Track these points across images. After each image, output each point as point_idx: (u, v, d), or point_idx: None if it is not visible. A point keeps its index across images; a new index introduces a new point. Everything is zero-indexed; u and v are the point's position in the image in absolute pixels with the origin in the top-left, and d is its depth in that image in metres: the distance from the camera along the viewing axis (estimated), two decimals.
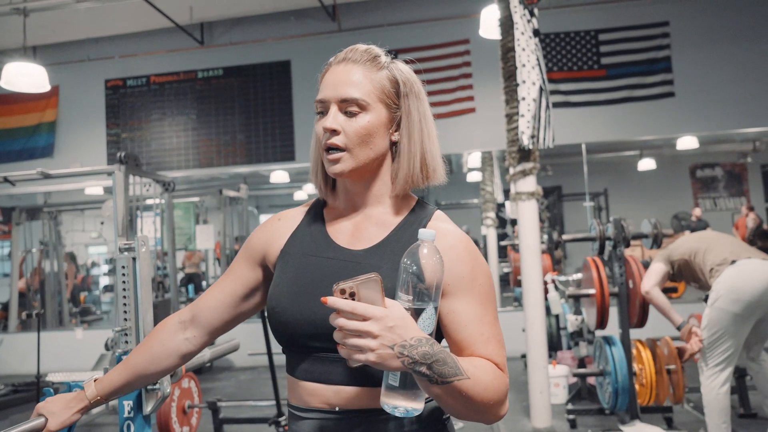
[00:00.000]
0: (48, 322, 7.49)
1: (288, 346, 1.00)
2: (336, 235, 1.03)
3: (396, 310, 0.80)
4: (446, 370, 0.81)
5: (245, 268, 1.10)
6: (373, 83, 0.99)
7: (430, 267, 0.81)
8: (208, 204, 9.11)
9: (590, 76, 6.20)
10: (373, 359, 0.79)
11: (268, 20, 6.77)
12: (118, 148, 6.82)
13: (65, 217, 8.80)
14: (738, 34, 6.08)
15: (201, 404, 3.30)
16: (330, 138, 0.97)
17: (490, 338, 0.94)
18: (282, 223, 1.10)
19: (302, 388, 0.98)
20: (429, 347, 0.80)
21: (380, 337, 0.78)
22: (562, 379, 4.22)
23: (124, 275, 1.71)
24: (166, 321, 1.16)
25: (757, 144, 8.66)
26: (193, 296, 8.98)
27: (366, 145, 0.98)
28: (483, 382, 0.87)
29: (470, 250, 0.98)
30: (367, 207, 1.03)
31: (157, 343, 1.14)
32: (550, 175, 8.61)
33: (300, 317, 0.96)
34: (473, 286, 0.95)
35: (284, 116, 6.61)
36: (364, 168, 0.99)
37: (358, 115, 0.97)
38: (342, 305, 0.78)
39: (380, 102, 0.99)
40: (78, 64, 7.08)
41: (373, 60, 1.01)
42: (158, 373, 1.14)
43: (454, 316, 0.94)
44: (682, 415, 3.88)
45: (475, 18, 5.46)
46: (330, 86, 0.99)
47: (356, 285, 0.80)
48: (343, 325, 0.79)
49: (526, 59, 3.57)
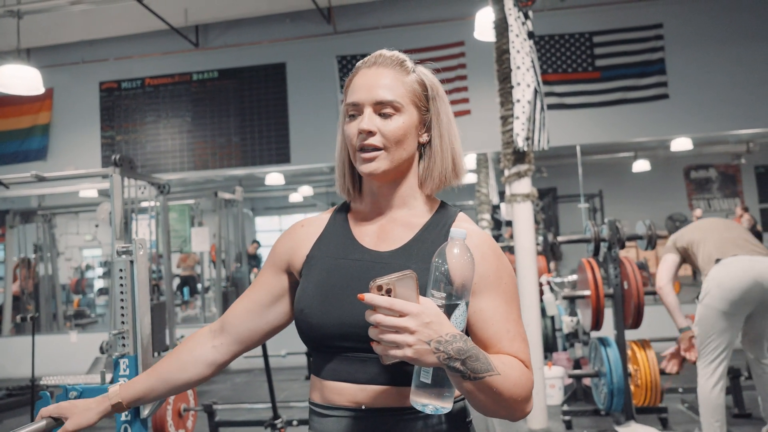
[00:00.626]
0: (42, 325, 7.46)
1: (316, 348, 1.01)
2: (362, 238, 1.04)
3: (431, 307, 0.82)
4: (479, 366, 0.83)
5: (270, 276, 1.11)
6: (405, 86, 1.02)
7: (461, 265, 0.83)
8: (203, 206, 9.10)
9: (585, 78, 6.23)
10: (411, 354, 0.80)
11: (263, 23, 6.77)
12: (112, 151, 6.80)
13: (59, 220, 8.76)
14: (731, 37, 6.12)
15: (196, 407, 3.29)
16: (366, 139, 0.99)
17: (515, 336, 0.96)
18: (306, 229, 1.11)
19: (328, 387, 0.98)
20: (463, 343, 0.82)
21: (417, 332, 0.80)
22: (558, 380, 4.23)
23: (122, 278, 1.70)
24: (197, 331, 1.17)
25: (750, 145, 8.71)
26: (188, 299, 8.96)
27: (400, 145, 1.00)
28: (512, 378, 0.88)
29: (495, 249, 1.00)
30: (392, 209, 1.05)
31: (186, 350, 1.13)
32: (545, 177, 8.64)
33: (329, 318, 0.97)
34: (499, 284, 0.97)
35: (279, 118, 6.61)
36: (396, 169, 1.02)
37: (393, 116, 1.00)
38: (380, 301, 0.80)
39: (412, 104, 1.02)
40: (72, 67, 7.06)
41: (401, 64, 1.04)
42: (186, 380, 1.12)
43: (481, 314, 0.95)
44: (677, 416, 3.89)
45: (470, 20, 5.47)
46: (363, 89, 1.01)
47: (393, 281, 0.81)
48: (381, 321, 0.80)
49: (520, 61, 3.58)
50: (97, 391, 1.92)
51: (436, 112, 1.05)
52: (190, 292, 8.78)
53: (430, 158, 1.05)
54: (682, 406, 4.09)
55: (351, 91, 1.03)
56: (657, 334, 5.21)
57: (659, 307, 6.50)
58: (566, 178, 7.76)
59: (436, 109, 1.05)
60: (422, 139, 1.05)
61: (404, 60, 1.05)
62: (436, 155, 1.04)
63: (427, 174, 1.05)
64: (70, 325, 8.25)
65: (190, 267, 8.87)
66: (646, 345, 3.65)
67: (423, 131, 1.05)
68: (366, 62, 1.05)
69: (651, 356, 3.58)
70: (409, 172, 1.05)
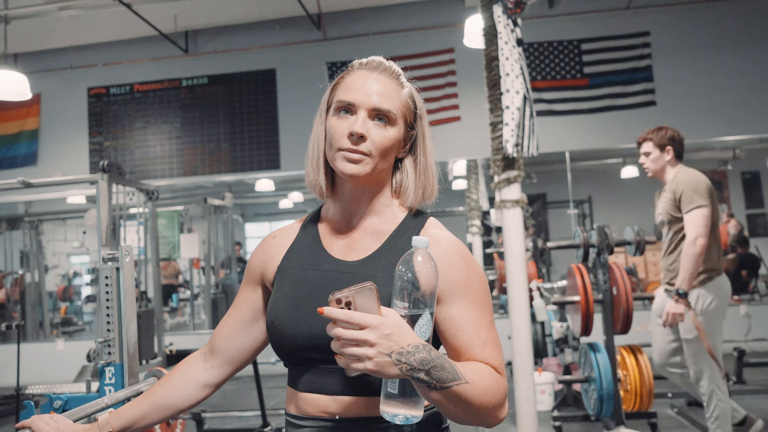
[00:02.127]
0: (29, 333, 7.37)
1: (289, 359, 1.01)
2: (331, 248, 1.04)
3: (392, 318, 0.81)
4: (444, 375, 0.82)
5: (249, 292, 1.11)
6: (400, 99, 1.02)
7: (424, 274, 0.82)
8: (192, 212, 9.04)
9: (573, 84, 6.27)
10: (371, 367, 0.79)
11: (253, 29, 6.76)
12: (101, 157, 6.75)
13: (47, 227, 8.67)
14: (717, 44, 6.19)
15: (185, 416, 3.26)
16: (357, 144, 0.97)
17: (487, 342, 0.95)
18: (277, 240, 1.10)
19: (302, 398, 0.98)
20: (426, 353, 0.81)
21: (377, 345, 0.79)
22: (548, 386, 4.23)
23: (108, 285, 1.69)
24: (189, 356, 1.17)
25: (737, 152, 8.80)
26: (177, 305, 8.89)
27: (385, 156, 1.00)
28: (481, 385, 0.87)
29: (464, 255, 0.99)
30: (362, 218, 1.04)
31: (178, 374, 1.12)
32: (535, 183, 8.68)
33: (298, 330, 0.96)
34: (468, 291, 0.96)
35: (269, 124, 6.60)
36: (374, 177, 1.01)
37: (386, 126, 0.99)
38: (338, 315, 0.79)
39: (402, 118, 1.02)
40: (60, 72, 7.02)
41: (398, 77, 1.05)
42: (180, 404, 1.11)
43: (451, 321, 0.95)
44: (666, 421, 3.91)
45: (460, 27, 5.51)
46: (361, 92, 0.99)
47: (352, 294, 0.80)
48: (340, 335, 0.79)
49: (509, 68, 3.60)
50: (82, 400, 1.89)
51: (422, 132, 1.06)
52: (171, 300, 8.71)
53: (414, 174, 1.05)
54: (671, 411, 4.11)
55: (346, 89, 1.01)
56: (646, 340, 5.24)
57: (648, 312, 6.54)
58: (556, 184, 7.79)
59: (422, 128, 1.06)
60: (400, 154, 1.05)
61: (401, 74, 1.06)
62: (422, 173, 1.05)
63: (405, 187, 1.04)
64: (57, 332, 8.16)
65: (171, 275, 8.80)
66: (636, 350, 3.66)
67: (403, 146, 1.05)
68: (365, 64, 1.04)
69: (641, 361, 3.59)
70: (384, 182, 1.05)
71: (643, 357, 3.62)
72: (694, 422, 3.81)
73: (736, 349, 4.67)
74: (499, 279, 6.38)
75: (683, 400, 4.28)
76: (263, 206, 13.13)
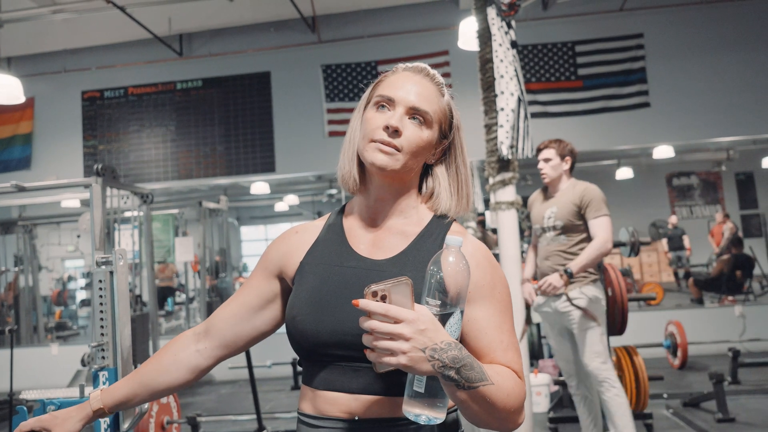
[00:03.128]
0: (23, 338, 7.33)
1: (308, 356, 0.99)
2: (357, 245, 1.03)
3: (426, 314, 0.81)
4: (473, 375, 0.82)
5: (261, 280, 1.10)
6: (439, 105, 1.04)
7: (457, 273, 0.83)
8: (187, 216, 9.03)
9: (567, 86, 6.29)
10: (405, 362, 0.79)
11: (248, 32, 6.76)
12: (95, 160, 6.73)
13: (41, 231, 8.64)
14: (710, 46, 6.22)
15: (180, 420, 3.25)
16: (392, 137, 0.98)
17: (509, 346, 0.95)
18: (300, 236, 1.09)
19: (320, 397, 0.97)
20: (458, 351, 0.81)
21: (412, 339, 0.79)
22: (544, 387, 4.24)
23: (101, 289, 1.68)
24: (181, 334, 1.15)
25: (730, 153, 8.84)
26: (172, 309, 8.86)
27: (416, 156, 1.01)
28: (505, 388, 0.88)
29: (489, 259, 1.00)
30: (387, 218, 1.04)
31: (169, 354, 1.11)
32: (530, 185, 8.70)
33: (322, 326, 0.95)
34: (493, 294, 0.97)
35: (264, 127, 6.59)
36: (402, 176, 1.02)
37: (421, 126, 1.01)
38: (375, 307, 0.79)
39: (438, 123, 1.04)
40: (54, 76, 6.99)
41: (439, 86, 1.07)
42: (168, 385, 1.10)
43: (475, 323, 0.95)
44: (662, 422, 3.92)
45: (454, 30, 5.52)
46: (403, 89, 1.01)
47: (388, 288, 0.80)
48: (376, 328, 0.79)
49: (504, 70, 3.60)
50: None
51: (460, 143, 1.08)
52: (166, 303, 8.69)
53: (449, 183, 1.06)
54: (666, 412, 4.12)
55: (387, 86, 1.03)
56: (642, 340, 5.25)
57: (643, 313, 6.57)
58: None
59: (459, 139, 1.08)
60: (431, 160, 1.06)
61: (442, 83, 1.08)
62: (463, 183, 1.07)
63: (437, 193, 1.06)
64: (51, 337, 8.12)
65: (168, 278, 8.78)
66: (631, 351, 3.66)
67: (434, 153, 1.06)
68: (410, 68, 1.06)
69: (636, 362, 3.59)
70: (411, 184, 1.05)
71: (638, 358, 3.62)
72: (690, 423, 3.82)
73: (731, 350, 4.68)
74: None
75: (678, 401, 4.29)
76: (259, 209, 13.10)
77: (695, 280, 7.81)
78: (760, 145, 7.79)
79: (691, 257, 9.94)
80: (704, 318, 6.23)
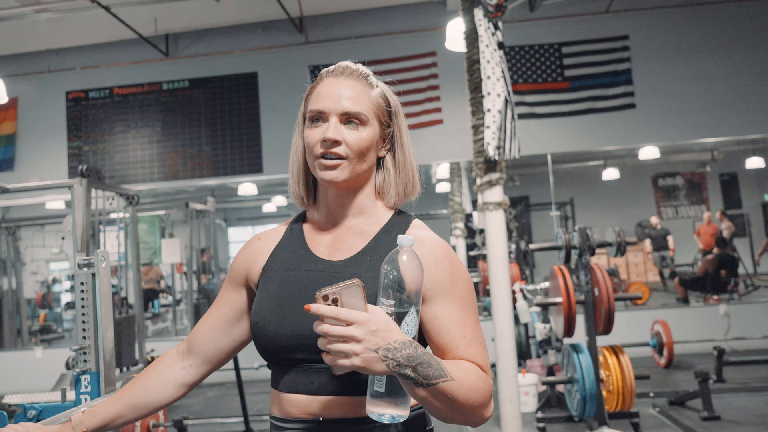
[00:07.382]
0: (6, 341, 7.23)
1: (273, 360, 1.00)
2: (316, 248, 1.04)
3: (379, 315, 0.81)
4: (430, 372, 0.83)
5: (231, 292, 1.11)
6: (370, 100, 1.03)
7: (409, 272, 0.83)
8: (174, 217, 8.94)
9: (554, 87, 6.32)
10: (358, 363, 0.80)
11: (235, 32, 6.72)
12: (80, 161, 6.66)
13: (24, 233, 8.52)
14: (695, 48, 6.28)
15: (167, 423, 3.21)
16: (331, 147, 0.99)
17: (472, 341, 0.95)
18: (262, 242, 1.10)
19: (285, 399, 0.97)
20: (413, 350, 0.81)
21: (364, 341, 0.79)
22: (532, 387, 4.25)
23: (83, 291, 1.65)
24: (165, 354, 1.15)
25: (715, 153, 8.94)
26: (158, 311, 8.78)
27: (363, 157, 1.01)
28: (467, 383, 0.87)
29: (448, 255, 1.00)
30: (346, 218, 1.05)
31: (154, 373, 1.11)
32: (518, 186, 8.73)
33: (284, 330, 0.96)
34: (453, 290, 0.97)
35: (251, 128, 6.56)
36: (355, 179, 1.02)
37: (358, 128, 1.00)
38: (325, 311, 0.80)
39: (375, 118, 1.03)
40: (38, 76, 6.91)
41: (366, 78, 1.05)
42: (155, 403, 1.10)
43: (436, 320, 0.95)
44: (648, 420, 3.94)
45: (442, 31, 5.53)
46: (330, 98, 1.01)
47: (339, 291, 0.81)
48: (327, 331, 0.80)
49: (491, 71, 3.61)
50: (57, 410, 1.85)
51: (398, 129, 1.07)
52: (152, 306, 8.61)
53: (394, 171, 1.06)
54: (653, 411, 4.15)
55: (316, 98, 1.03)
56: (628, 340, 5.29)
57: (629, 312, 6.62)
58: (538, 186, 7.85)
59: (398, 126, 1.07)
60: (381, 153, 1.06)
61: (369, 74, 1.06)
62: (401, 169, 1.06)
63: (388, 186, 1.06)
64: (36, 340, 8.01)
65: (152, 280, 8.69)
66: (617, 350, 3.69)
67: (382, 145, 1.06)
68: (332, 72, 1.05)
69: (623, 361, 3.62)
70: (366, 183, 1.06)
71: (624, 357, 3.65)
72: (676, 421, 3.85)
73: (716, 348, 4.73)
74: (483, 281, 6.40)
75: (665, 399, 4.32)
76: (246, 210, 13.04)
77: (680, 279, 7.89)
78: (743, 145, 7.89)
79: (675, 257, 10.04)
80: (690, 317, 6.28)
